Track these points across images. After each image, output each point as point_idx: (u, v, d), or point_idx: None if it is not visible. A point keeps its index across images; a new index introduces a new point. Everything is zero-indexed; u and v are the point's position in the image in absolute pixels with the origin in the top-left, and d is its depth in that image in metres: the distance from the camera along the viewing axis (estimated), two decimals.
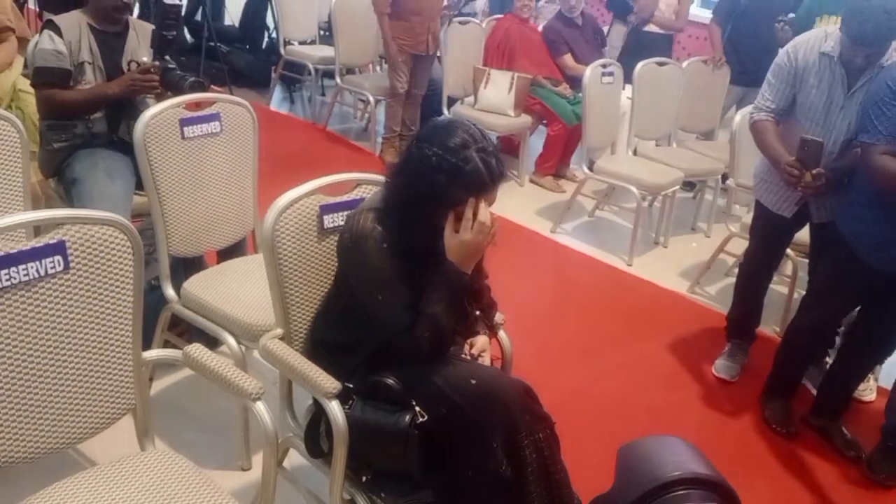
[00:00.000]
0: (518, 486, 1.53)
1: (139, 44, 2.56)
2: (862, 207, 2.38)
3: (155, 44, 2.57)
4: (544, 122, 4.90)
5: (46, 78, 2.42)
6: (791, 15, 4.22)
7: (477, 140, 1.54)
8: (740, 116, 3.42)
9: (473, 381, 1.55)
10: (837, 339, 2.89)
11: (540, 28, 5.06)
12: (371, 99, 4.90)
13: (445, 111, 4.79)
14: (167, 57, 2.55)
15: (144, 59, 2.52)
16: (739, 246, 3.51)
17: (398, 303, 1.58)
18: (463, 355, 1.74)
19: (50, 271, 1.38)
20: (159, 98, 2.45)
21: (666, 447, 1.67)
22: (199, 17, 5.62)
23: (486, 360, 1.78)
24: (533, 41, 4.85)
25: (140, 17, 2.68)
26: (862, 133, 2.31)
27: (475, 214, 1.53)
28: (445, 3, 4.83)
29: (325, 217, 1.76)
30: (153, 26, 2.62)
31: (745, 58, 4.38)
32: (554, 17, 4.99)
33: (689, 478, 1.54)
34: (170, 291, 2.20)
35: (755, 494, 2.31)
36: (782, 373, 2.75)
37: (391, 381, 1.56)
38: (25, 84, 2.95)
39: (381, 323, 1.61)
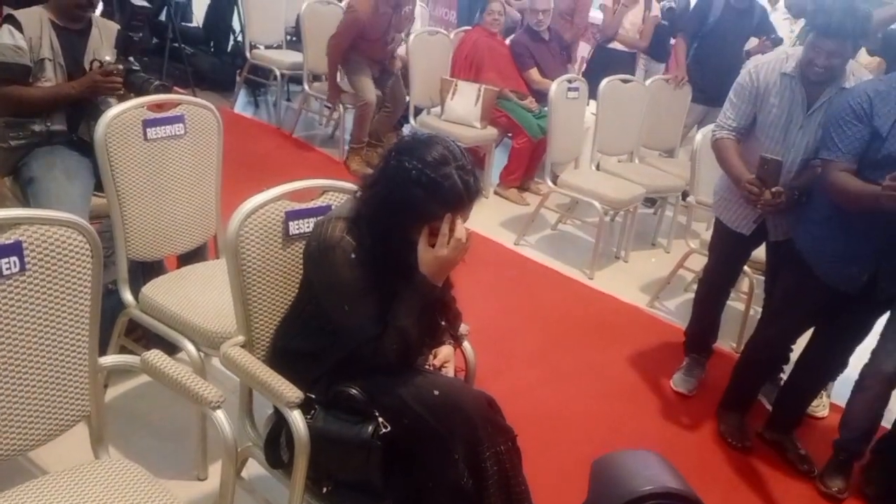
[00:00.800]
0: (479, 498, 1.53)
1: (102, 43, 2.51)
2: (818, 225, 2.44)
3: (120, 45, 2.52)
4: (509, 134, 4.94)
5: (4, 74, 2.35)
6: (764, 37, 4.36)
7: (457, 157, 1.54)
8: (701, 135, 3.49)
9: (436, 392, 1.54)
10: (791, 356, 2.95)
11: (507, 41, 5.10)
12: (340, 107, 4.88)
13: (412, 121, 4.79)
14: (131, 58, 2.51)
15: (107, 58, 2.48)
16: (698, 262, 3.58)
17: (365, 313, 1.57)
18: (427, 366, 1.74)
19: (5, 272, 1.35)
20: (121, 99, 2.40)
21: (639, 461, 1.69)
22: (162, 17, 5.54)
23: (449, 371, 1.78)
24: (500, 54, 4.89)
25: (103, 15, 2.62)
26: (822, 150, 2.37)
27: (452, 231, 1.53)
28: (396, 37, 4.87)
29: (291, 223, 1.74)
30: (118, 25, 2.57)
31: (709, 77, 4.46)
32: (521, 30, 5.05)
33: (661, 492, 1.56)
34: (128, 296, 2.15)
35: None
36: (739, 388, 2.80)
37: (354, 391, 1.54)
38: None
39: (347, 332, 1.59)
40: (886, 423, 2.61)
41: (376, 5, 4.46)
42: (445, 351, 1.80)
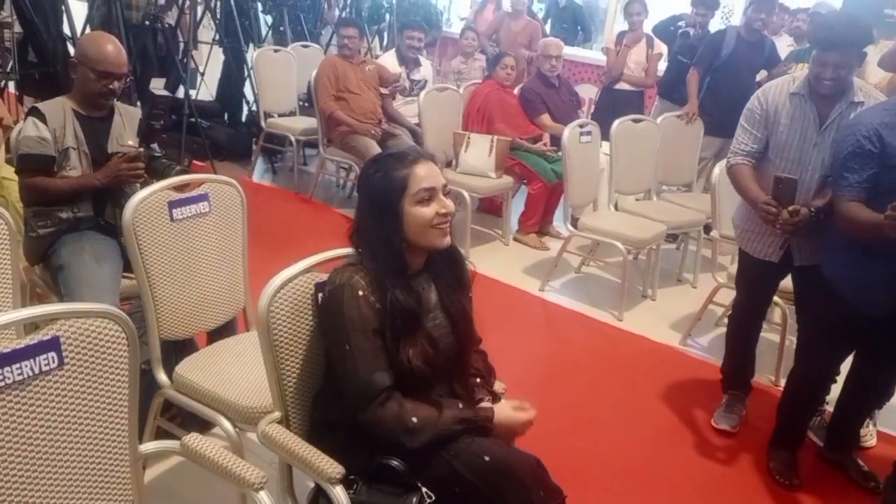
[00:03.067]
0: None
1: (125, 128, 2.57)
2: (841, 251, 2.41)
3: (142, 132, 2.58)
4: (525, 181, 4.97)
5: (30, 165, 2.42)
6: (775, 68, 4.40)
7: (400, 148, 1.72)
8: (718, 169, 3.49)
9: (487, 458, 1.52)
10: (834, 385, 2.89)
11: (515, 91, 5.17)
12: (356, 167, 4.94)
13: None
14: (154, 145, 2.57)
15: (130, 142, 2.54)
16: (727, 296, 3.53)
17: (367, 350, 1.56)
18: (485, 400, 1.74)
19: (44, 369, 1.35)
20: (144, 185, 2.45)
21: None
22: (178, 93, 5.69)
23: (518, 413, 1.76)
24: (510, 105, 4.94)
25: (121, 100, 2.70)
26: (833, 184, 2.36)
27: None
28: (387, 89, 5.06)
29: (321, 295, 1.75)
30: (139, 111, 2.64)
31: (723, 109, 4.44)
32: (533, 77, 5.13)
33: None
34: (162, 376, 2.16)
35: None
36: (785, 425, 2.74)
37: (396, 462, 1.53)
38: (9, 171, 2.94)
39: (349, 386, 1.57)
40: None
41: (333, 61, 4.83)
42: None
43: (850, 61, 2.45)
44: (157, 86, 2.62)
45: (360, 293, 1.58)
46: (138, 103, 3.80)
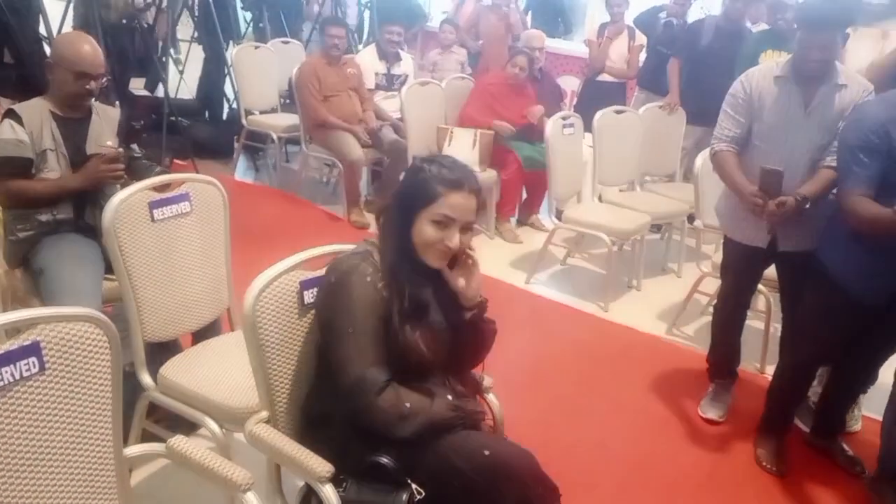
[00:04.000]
0: None
1: (103, 129, 2.54)
2: (845, 241, 2.39)
3: (122, 133, 2.55)
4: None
5: (8, 168, 2.38)
6: None
7: (464, 166, 1.70)
8: (701, 159, 3.50)
9: (486, 453, 1.52)
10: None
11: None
12: (339, 164, 4.93)
13: None
14: (133, 146, 2.53)
15: (109, 143, 2.50)
16: (712, 285, 3.56)
17: (369, 337, 1.56)
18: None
19: (25, 374, 1.34)
20: (124, 185, 2.42)
21: None
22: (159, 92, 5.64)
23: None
24: (509, 95, 4.91)
25: (98, 100, 2.66)
26: (841, 180, 2.36)
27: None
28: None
29: (306, 293, 1.73)
30: (118, 111, 2.61)
31: (704, 98, 4.41)
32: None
33: None
34: (146, 379, 2.14)
35: None
36: (773, 412, 2.76)
37: (386, 460, 1.52)
38: None
39: (347, 375, 1.56)
40: None
41: (313, 64, 4.78)
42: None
43: (836, 41, 2.47)
44: (137, 86, 2.57)
45: (368, 279, 1.59)
46: (117, 103, 3.75)
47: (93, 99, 2.52)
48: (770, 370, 3.28)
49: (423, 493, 1.49)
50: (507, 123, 4.73)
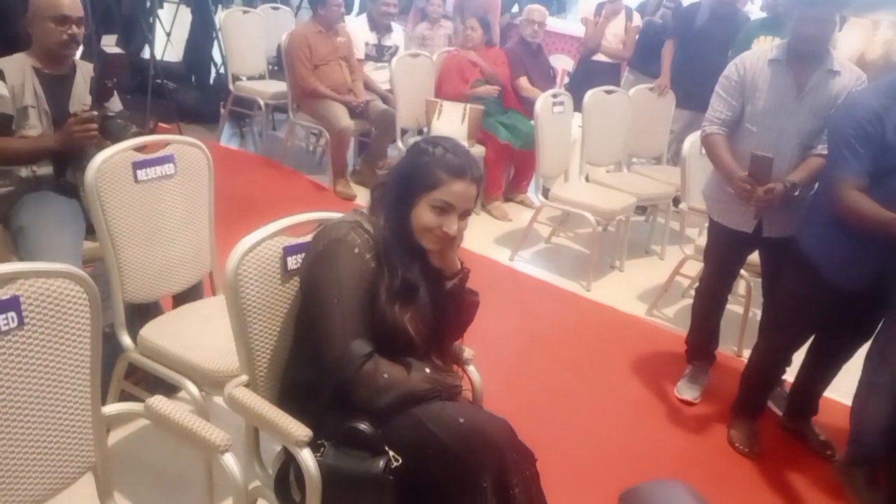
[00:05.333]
0: None
1: (86, 87, 2.50)
2: (826, 227, 2.41)
3: (94, 92, 2.49)
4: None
5: None
6: None
7: (469, 153, 1.69)
8: (689, 142, 3.51)
9: (461, 420, 1.53)
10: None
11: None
12: (326, 134, 4.89)
13: (399, 143, 4.79)
14: (107, 105, 2.48)
15: (82, 105, 2.45)
16: (694, 268, 3.59)
17: (354, 309, 1.56)
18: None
19: (3, 328, 1.32)
20: (100, 147, 2.38)
21: (666, 492, 1.67)
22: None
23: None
24: (468, 68, 4.89)
25: (83, 57, 2.60)
26: (834, 168, 2.35)
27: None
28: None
29: (289, 258, 1.72)
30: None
31: (695, 82, 4.38)
32: (516, 41, 5.13)
33: None
34: (126, 339, 2.13)
35: None
36: (748, 394, 2.79)
37: (363, 426, 1.52)
38: None
39: (330, 348, 1.56)
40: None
41: (304, 33, 4.71)
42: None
43: (832, 17, 2.50)
44: (109, 43, 2.50)
45: (356, 250, 1.58)
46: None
47: (77, 52, 2.46)
48: (747, 354, 3.32)
49: (401, 461, 1.50)
50: (489, 87, 4.75)
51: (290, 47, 4.73)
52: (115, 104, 2.57)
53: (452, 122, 4.60)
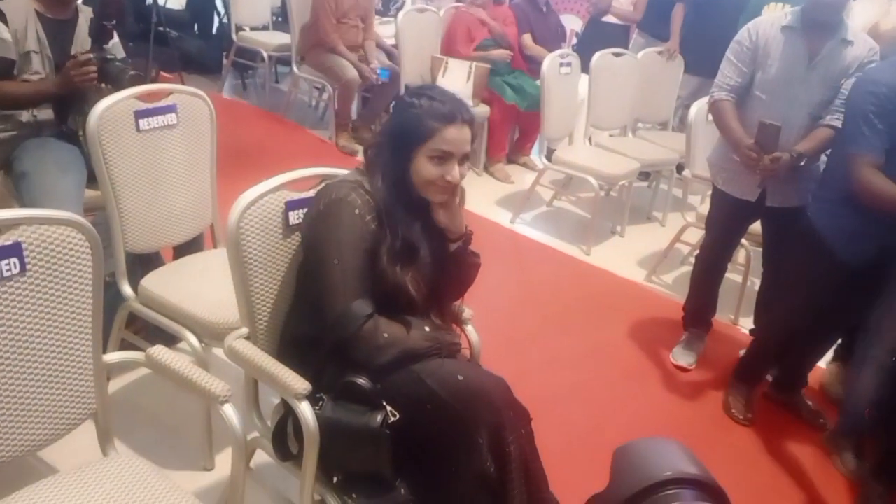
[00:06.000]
0: (501, 482, 1.53)
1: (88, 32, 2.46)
2: (837, 203, 2.38)
3: (93, 33, 2.45)
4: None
5: None
6: None
7: (454, 96, 1.67)
8: (696, 109, 3.48)
9: (460, 377, 1.54)
10: None
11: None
12: (329, 87, 4.83)
13: None
14: (106, 47, 2.44)
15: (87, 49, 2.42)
16: (694, 235, 3.59)
17: (355, 269, 1.57)
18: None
19: (6, 274, 1.32)
20: (99, 92, 2.34)
21: (659, 448, 1.70)
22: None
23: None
24: (477, 26, 4.81)
25: (85, 3, 2.56)
26: (850, 144, 2.30)
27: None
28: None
29: (291, 213, 1.72)
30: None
31: (705, 47, 4.27)
32: None
33: (680, 478, 1.57)
34: (127, 289, 2.14)
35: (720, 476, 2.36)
36: (751, 364, 2.79)
37: (362, 380, 1.54)
38: None
39: (330, 303, 1.57)
40: None
41: None
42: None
43: None
44: None
45: (357, 211, 1.58)
46: None
47: None
48: (744, 322, 3.36)
49: (398, 416, 1.52)
50: (502, 52, 4.68)
51: (318, 1, 4.61)
52: (118, 50, 2.53)
53: (458, 80, 4.55)
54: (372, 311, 1.57)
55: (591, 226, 4.03)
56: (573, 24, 6.41)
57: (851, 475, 2.49)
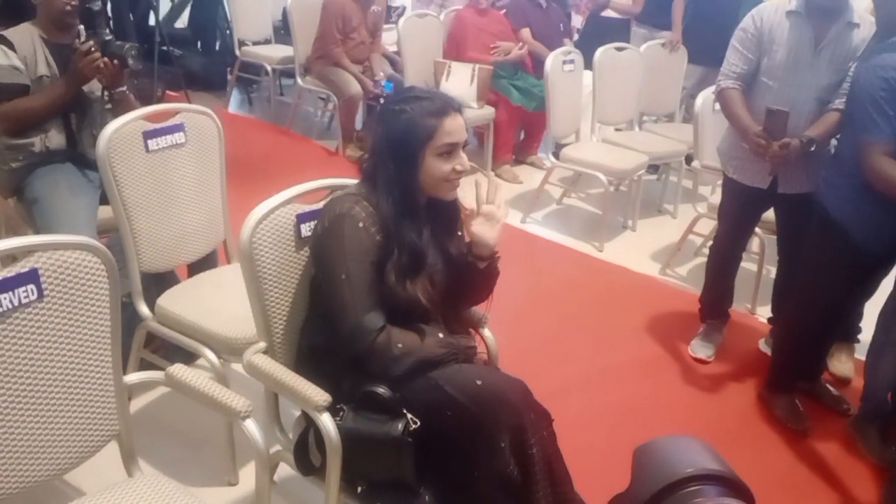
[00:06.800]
0: (524, 485, 1.53)
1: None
2: (858, 193, 2.31)
3: (83, 20, 2.44)
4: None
5: (4, 96, 2.33)
6: None
7: (430, 89, 1.72)
8: (701, 99, 3.46)
9: (479, 382, 1.54)
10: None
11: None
12: (334, 98, 4.85)
13: None
14: (105, 30, 2.44)
15: (77, 40, 2.42)
16: (707, 226, 3.57)
17: (363, 283, 1.57)
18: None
19: (24, 301, 1.34)
20: (107, 72, 2.34)
21: (680, 445, 1.70)
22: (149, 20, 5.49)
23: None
24: (489, 31, 4.81)
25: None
26: (862, 132, 2.25)
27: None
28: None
29: (303, 226, 1.73)
30: None
31: (708, 36, 4.28)
32: None
33: (702, 474, 1.56)
34: (143, 309, 2.15)
35: (742, 471, 2.34)
36: (784, 367, 2.70)
37: (382, 389, 1.54)
38: None
39: (343, 322, 1.57)
40: None
41: (342, 1, 4.58)
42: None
43: None
44: None
45: (361, 224, 1.58)
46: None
47: (77, 20, 2.43)
48: (761, 311, 3.33)
49: (419, 423, 1.52)
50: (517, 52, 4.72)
51: (326, 14, 4.62)
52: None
53: (461, 82, 4.55)
54: (384, 324, 1.58)
55: (602, 222, 4.02)
56: (573, 20, 6.40)
57: (878, 459, 2.46)
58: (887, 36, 2.33)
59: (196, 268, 2.42)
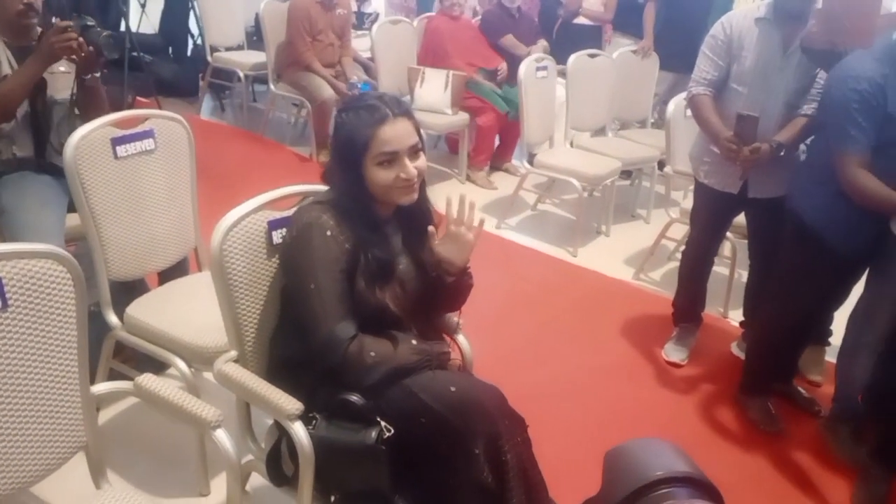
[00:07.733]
0: (500, 492, 1.52)
1: None
2: (832, 197, 2.31)
3: (54, 7, 2.41)
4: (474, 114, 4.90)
5: None
6: None
7: (377, 94, 1.68)
8: (673, 105, 3.50)
9: (453, 389, 1.54)
10: None
11: (475, 21, 5.07)
12: (307, 104, 4.82)
13: None
14: (88, 17, 2.40)
15: (62, 68, 2.38)
16: (679, 231, 3.60)
17: (333, 292, 1.55)
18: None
19: None
20: (83, 59, 2.29)
21: (650, 449, 1.70)
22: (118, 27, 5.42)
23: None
24: (465, 38, 4.84)
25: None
26: (836, 142, 2.25)
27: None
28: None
29: (274, 233, 1.71)
30: None
31: (679, 42, 4.34)
32: (494, 5, 5.04)
33: (672, 477, 1.57)
34: (112, 318, 2.12)
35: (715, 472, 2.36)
36: (757, 372, 2.72)
37: (355, 398, 1.53)
38: None
39: (313, 329, 1.56)
40: None
41: (306, 5, 4.58)
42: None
43: None
44: None
45: (329, 233, 1.57)
46: None
47: (37, 17, 2.39)
48: (733, 315, 3.37)
49: (392, 431, 1.51)
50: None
51: (291, 18, 4.61)
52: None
53: (435, 89, 4.56)
54: (355, 333, 1.56)
55: (576, 227, 4.04)
56: None
57: (850, 459, 2.49)
58: None
59: (166, 276, 2.38)
